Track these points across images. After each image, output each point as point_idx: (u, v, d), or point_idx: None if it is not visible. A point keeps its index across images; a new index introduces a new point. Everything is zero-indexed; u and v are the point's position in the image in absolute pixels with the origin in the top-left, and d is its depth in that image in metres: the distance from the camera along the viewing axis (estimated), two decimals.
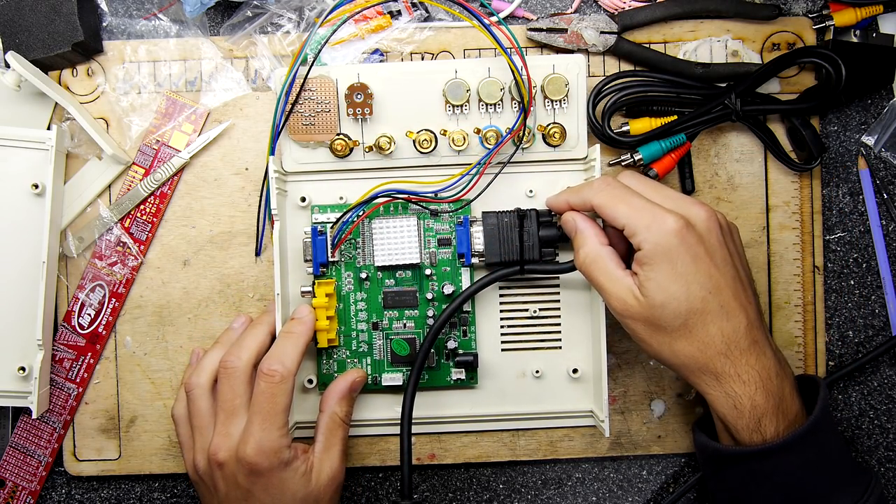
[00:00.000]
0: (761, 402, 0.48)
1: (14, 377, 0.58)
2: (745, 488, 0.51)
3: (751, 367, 0.48)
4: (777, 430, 0.49)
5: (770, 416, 0.48)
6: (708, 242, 0.49)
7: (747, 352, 0.49)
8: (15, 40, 0.57)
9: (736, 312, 0.48)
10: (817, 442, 0.49)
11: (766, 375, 0.48)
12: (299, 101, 0.57)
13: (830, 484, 0.50)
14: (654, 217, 0.48)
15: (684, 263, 0.48)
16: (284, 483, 0.52)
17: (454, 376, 0.59)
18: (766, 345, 0.50)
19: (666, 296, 0.48)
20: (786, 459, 0.49)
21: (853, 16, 0.59)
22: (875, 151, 0.62)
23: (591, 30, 0.59)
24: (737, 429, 0.50)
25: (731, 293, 0.49)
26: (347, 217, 0.57)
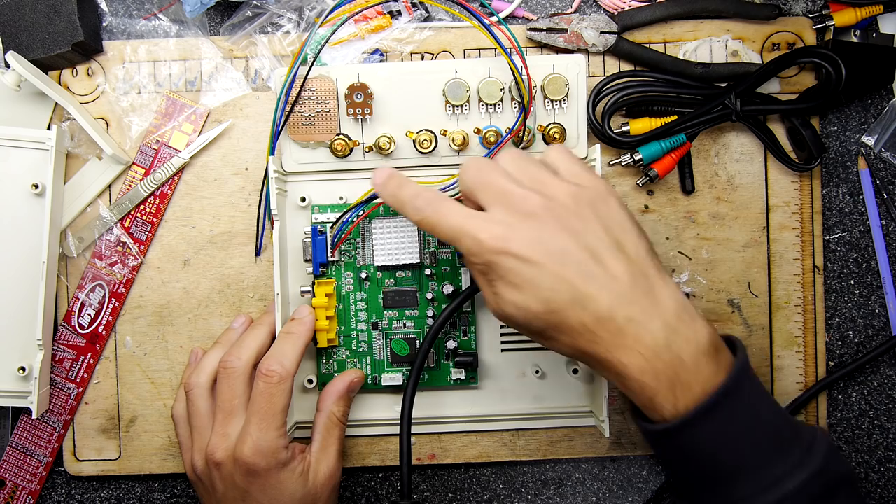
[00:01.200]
0: (650, 383, 0.44)
1: (14, 377, 0.58)
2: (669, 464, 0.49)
3: (628, 349, 0.44)
4: (675, 406, 0.45)
5: (664, 395, 0.45)
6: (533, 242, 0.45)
7: (621, 333, 0.44)
8: (15, 40, 0.57)
9: (592, 297, 0.44)
10: (732, 412, 0.45)
11: (651, 354, 0.44)
12: (299, 101, 0.57)
13: (757, 453, 0.45)
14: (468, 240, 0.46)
15: (514, 274, 0.45)
16: (282, 483, 0.52)
17: (454, 376, 0.59)
18: (651, 316, 0.45)
19: (512, 309, 0.46)
20: (692, 435, 0.45)
21: (853, 16, 0.59)
22: (875, 151, 0.62)
23: (591, 30, 0.59)
24: (637, 405, 0.47)
25: (582, 279, 0.44)
26: (347, 217, 0.57)
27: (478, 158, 0.49)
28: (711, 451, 0.45)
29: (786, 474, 0.45)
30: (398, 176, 0.51)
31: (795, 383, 0.61)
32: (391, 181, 0.51)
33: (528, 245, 0.45)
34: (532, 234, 0.45)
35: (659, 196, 0.61)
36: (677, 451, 0.47)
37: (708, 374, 0.45)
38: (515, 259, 0.45)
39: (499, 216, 0.46)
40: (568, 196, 0.46)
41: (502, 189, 0.47)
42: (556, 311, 0.45)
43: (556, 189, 0.47)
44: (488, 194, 0.47)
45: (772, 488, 0.45)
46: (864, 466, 0.63)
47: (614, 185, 0.61)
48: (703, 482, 0.47)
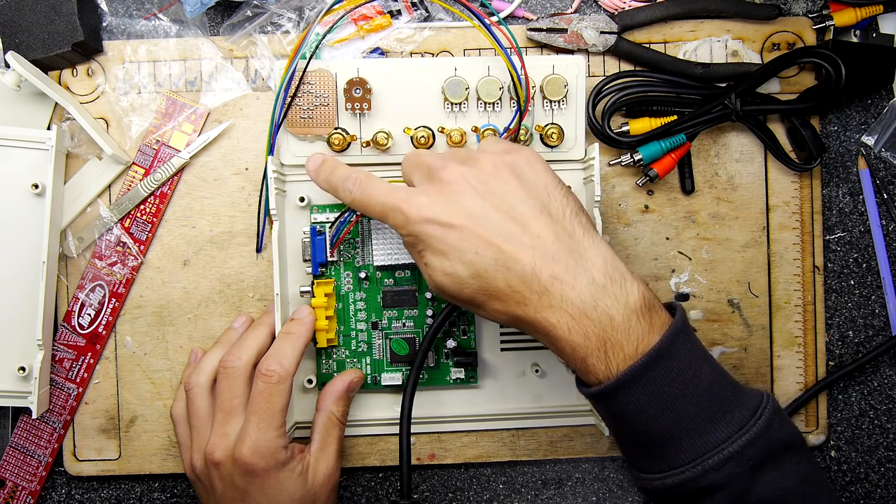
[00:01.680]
0: (580, 342, 0.44)
1: (14, 377, 0.58)
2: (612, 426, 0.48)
3: (555, 308, 0.44)
4: (608, 367, 0.44)
5: (595, 355, 0.44)
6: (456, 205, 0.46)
7: (547, 292, 0.44)
8: (15, 40, 0.57)
9: (516, 258, 0.44)
10: (666, 374, 0.44)
11: (578, 312, 0.44)
12: (298, 94, 0.57)
13: (695, 416, 0.44)
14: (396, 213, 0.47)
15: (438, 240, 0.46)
16: (281, 483, 0.52)
17: (454, 375, 0.59)
18: (576, 274, 0.44)
19: (440, 276, 0.46)
20: (628, 397, 0.44)
21: (853, 16, 0.59)
22: (875, 151, 0.62)
23: (591, 30, 0.59)
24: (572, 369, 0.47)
25: (503, 239, 0.45)
26: (346, 216, 0.57)
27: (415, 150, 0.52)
28: (647, 415, 0.45)
29: (726, 438, 0.44)
30: (331, 160, 0.54)
31: (795, 383, 0.61)
32: (324, 166, 0.53)
33: (449, 211, 0.46)
34: (453, 200, 0.46)
35: (659, 196, 0.61)
36: (615, 415, 0.46)
37: (640, 334, 0.44)
38: (438, 226, 0.46)
39: (423, 189, 0.48)
40: (490, 163, 0.48)
41: (428, 165, 0.49)
42: (482, 274, 0.45)
43: (479, 160, 0.48)
44: (418, 174, 0.49)
45: (711, 452, 0.44)
46: (864, 466, 0.63)
47: (614, 185, 0.61)
48: (644, 446, 0.47)
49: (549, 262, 0.44)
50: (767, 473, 0.45)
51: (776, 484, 0.45)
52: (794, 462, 0.46)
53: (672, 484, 0.45)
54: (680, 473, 0.45)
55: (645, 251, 0.61)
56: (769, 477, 0.45)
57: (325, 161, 0.54)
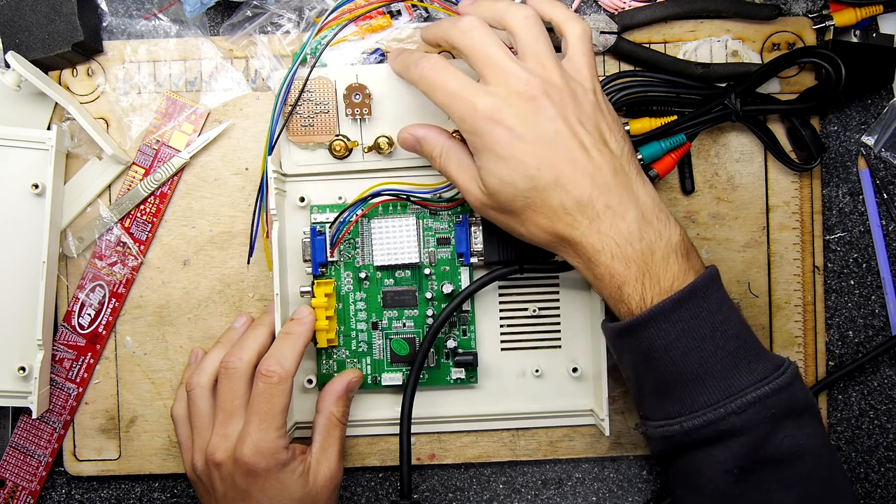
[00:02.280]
0: (620, 269, 0.46)
1: (14, 377, 0.58)
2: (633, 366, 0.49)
3: (603, 235, 0.46)
4: (643, 298, 0.46)
5: (632, 284, 0.46)
6: (526, 119, 0.47)
7: (598, 219, 0.46)
8: (15, 40, 0.57)
9: (577, 182, 0.46)
10: (698, 313, 0.46)
11: (624, 241, 0.46)
12: (298, 102, 0.57)
13: (722, 359, 0.46)
14: (464, 104, 0.47)
15: (503, 146, 0.46)
16: (282, 484, 0.52)
17: (454, 376, 0.59)
18: (628, 207, 0.47)
19: (496, 181, 0.47)
20: (659, 330, 0.46)
21: (853, 16, 0.59)
22: (875, 151, 0.62)
23: (591, 30, 0.59)
24: (605, 300, 0.49)
25: (568, 163, 0.46)
26: (345, 216, 0.57)
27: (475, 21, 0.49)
28: (675, 351, 0.46)
29: (751, 384, 0.45)
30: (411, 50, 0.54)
31: None
32: (403, 52, 0.53)
33: (522, 123, 0.46)
34: (527, 113, 0.46)
35: (659, 196, 0.61)
36: (642, 350, 0.47)
37: (676, 271, 0.46)
38: (507, 130, 0.46)
39: (496, 90, 0.47)
40: (566, 88, 0.48)
41: (503, 67, 0.48)
42: (540, 189, 0.46)
43: (556, 77, 0.48)
44: (488, 68, 0.48)
45: (734, 396, 0.45)
46: (864, 466, 0.63)
47: None
48: (666, 388, 0.47)
49: (606, 192, 0.46)
50: (787, 427, 0.45)
51: (794, 440, 0.45)
52: (812, 426, 0.47)
53: (692, 427, 0.46)
54: (702, 415, 0.45)
55: None
56: (789, 431, 0.45)
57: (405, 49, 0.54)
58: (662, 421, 0.48)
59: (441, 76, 0.49)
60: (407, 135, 0.54)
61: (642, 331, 0.46)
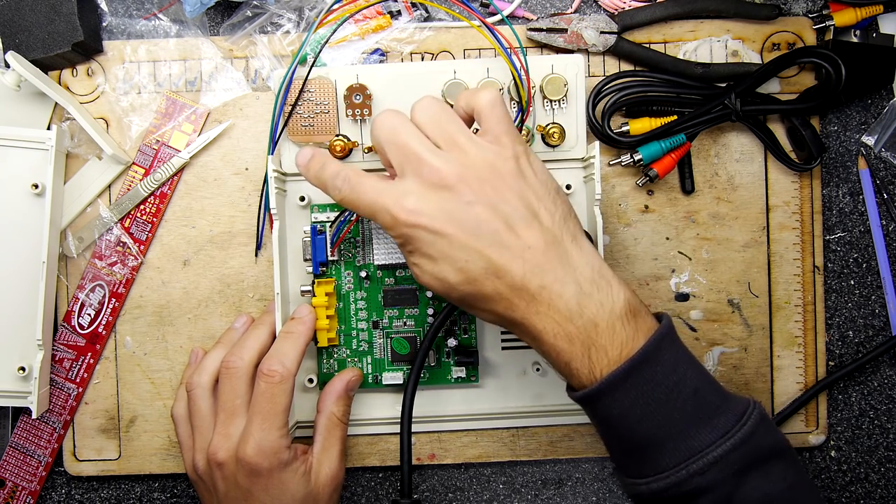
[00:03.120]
0: (564, 347, 0.45)
1: (14, 377, 0.58)
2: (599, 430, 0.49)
3: (542, 315, 0.45)
4: (591, 372, 0.45)
5: (579, 360, 0.45)
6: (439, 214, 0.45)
7: (535, 301, 0.45)
8: (15, 40, 0.57)
9: (507, 267, 0.45)
10: (651, 377, 0.44)
11: (564, 319, 0.45)
12: (298, 102, 0.57)
13: (680, 421, 0.45)
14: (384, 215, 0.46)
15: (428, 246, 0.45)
16: (284, 483, 0.52)
17: (455, 374, 0.59)
18: (564, 283, 0.45)
19: (428, 278, 0.46)
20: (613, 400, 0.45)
21: (853, 16, 0.59)
22: (875, 151, 0.62)
23: (591, 30, 0.59)
24: (558, 373, 0.48)
25: (495, 248, 0.45)
26: (346, 215, 0.57)
27: (391, 112, 0.48)
28: (631, 419, 0.45)
29: (710, 443, 0.44)
30: (321, 155, 0.50)
31: (795, 383, 0.61)
32: (314, 161, 0.50)
33: (441, 218, 0.45)
34: (444, 206, 0.45)
35: (659, 196, 0.61)
36: (600, 418, 0.47)
37: (624, 338, 0.45)
38: (428, 232, 0.45)
39: (411, 186, 0.46)
40: (484, 165, 0.46)
41: (415, 155, 0.46)
42: (472, 281, 0.45)
43: (471, 156, 0.46)
44: (400, 159, 0.46)
45: (695, 457, 0.44)
46: (864, 466, 0.63)
47: (614, 185, 0.61)
48: (629, 451, 0.47)
49: (539, 272, 0.45)
50: (753, 479, 0.45)
51: (761, 490, 0.45)
52: (779, 469, 0.46)
53: (657, 488, 0.45)
54: (665, 478, 0.45)
55: (645, 251, 0.61)
56: (755, 483, 0.45)
57: (314, 155, 0.50)
58: (631, 479, 0.48)
59: (357, 192, 0.47)
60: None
61: (597, 402, 0.45)
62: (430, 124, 0.47)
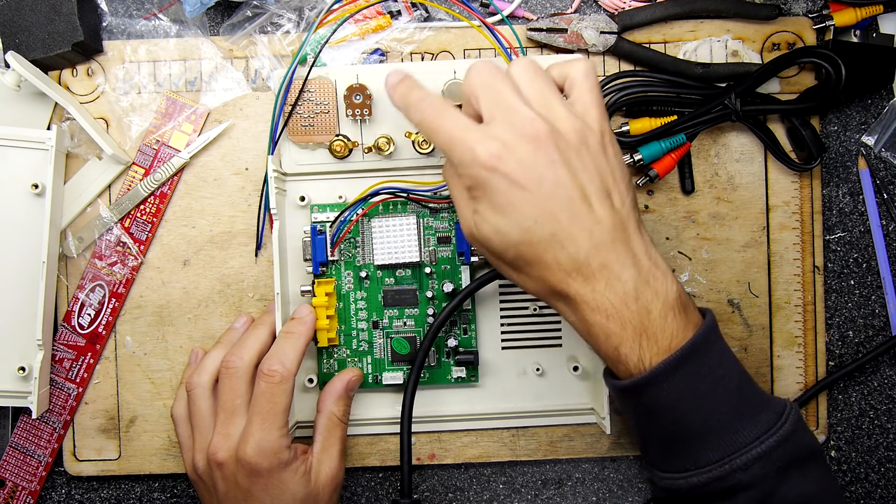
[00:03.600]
0: (616, 330, 0.44)
1: (14, 377, 0.58)
2: (638, 424, 0.48)
3: (598, 294, 0.44)
4: (641, 359, 0.44)
5: (629, 345, 0.44)
6: (529, 168, 0.44)
7: (594, 278, 0.44)
8: (15, 40, 0.57)
9: (574, 238, 0.44)
10: (699, 370, 0.44)
11: (620, 302, 0.44)
12: (298, 102, 0.57)
13: (725, 415, 0.45)
14: (464, 150, 0.44)
15: (501, 195, 0.44)
16: (284, 483, 0.52)
17: (455, 374, 0.59)
18: (625, 266, 0.44)
19: (489, 229, 0.45)
20: (661, 391, 0.45)
21: (853, 16, 0.59)
22: (875, 151, 0.62)
23: (591, 30, 0.59)
24: (602, 358, 0.47)
25: (567, 216, 0.44)
26: (346, 215, 0.57)
27: (487, 62, 0.47)
28: (678, 410, 0.45)
29: (754, 439, 0.44)
30: (411, 79, 0.49)
31: (795, 383, 0.61)
32: (403, 83, 0.49)
33: (523, 169, 0.43)
34: (529, 158, 0.44)
35: (659, 196, 0.61)
36: (644, 408, 0.46)
37: (675, 329, 0.45)
38: (506, 180, 0.43)
39: (499, 132, 0.44)
40: (573, 131, 0.45)
41: (508, 104, 0.45)
42: (535, 243, 0.44)
43: (562, 120, 0.45)
44: (492, 105, 0.45)
45: (739, 452, 0.44)
46: (864, 466, 0.63)
47: None
48: (671, 443, 0.47)
49: (603, 250, 0.44)
50: (793, 478, 0.45)
51: (801, 489, 0.45)
52: (817, 471, 0.46)
53: (698, 482, 0.45)
54: (707, 472, 0.45)
55: None
56: (795, 481, 0.45)
57: (404, 78, 0.49)
58: (667, 473, 0.47)
59: (441, 119, 0.46)
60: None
61: (643, 391, 0.45)
62: (526, 82, 0.46)
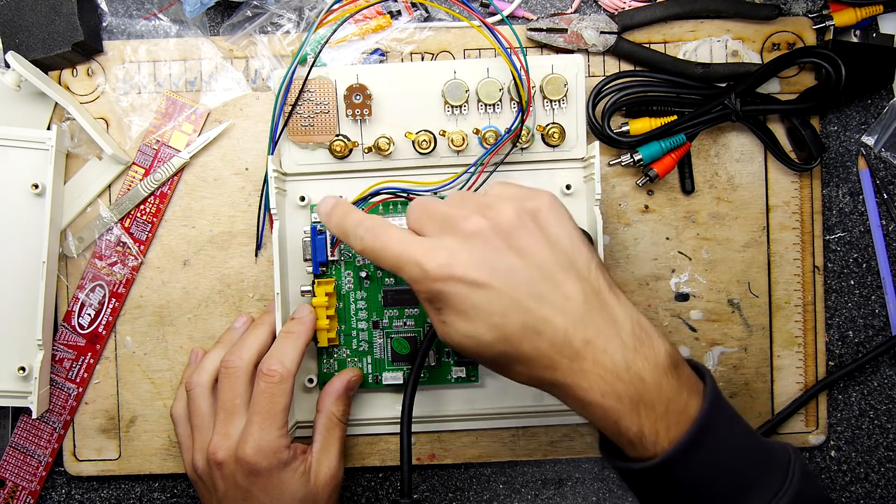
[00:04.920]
0: (612, 405, 0.42)
1: (14, 377, 0.58)
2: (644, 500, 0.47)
3: (588, 373, 0.42)
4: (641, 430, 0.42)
5: (629, 417, 0.42)
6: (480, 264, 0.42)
7: (579, 357, 0.42)
8: (15, 40, 0.57)
9: (547, 321, 0.42)
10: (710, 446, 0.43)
11: (611, 376, 0.42)
12: (298, 102, 0.57)
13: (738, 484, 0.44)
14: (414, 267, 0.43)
15: (461, 301, 0.42)
16: (283, 483, 0.52)
17: (455, 374, 0.59)
18: (609, 336, 0.42)
19: (460, 336, 0.43)
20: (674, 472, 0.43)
21: (853, 16, 0.59)
22: (875, 151, 0.62)
23: (591, 30, 0.59)
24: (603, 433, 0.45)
25: (534, 302, 0.42)
26: None
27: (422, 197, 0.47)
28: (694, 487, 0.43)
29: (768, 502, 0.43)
30: (343, 205, 0.49)
31: (795, 383, 0.61)
32: (336, 210, 0.49)
33: (474, 267, 0.42)
34: (477, 254, 0.43)
35: (659, 196, 0.61)
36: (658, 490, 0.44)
37: (671, 394, 0.43)
38: (462, 284, 0.42)
39: (442, 241, 0.44)
40: (512, 212, 0.44)
41: (444, 214, 0.45)
42: (509, 338, 0.42)
43: (499, 209, 0.44)
44: (431, 223, 0.45)
45: None
46: (864, 466, 0.63)
47: (614, 185, 0.61)
48: None
49: (581, 325, 0.42)
50: None
51: None
52: None
53: None
54: None
55: (645, 251, 0.61)
56: None
57: (337, 204, 0.49)
58: None
59: (382, 239, 0.45)
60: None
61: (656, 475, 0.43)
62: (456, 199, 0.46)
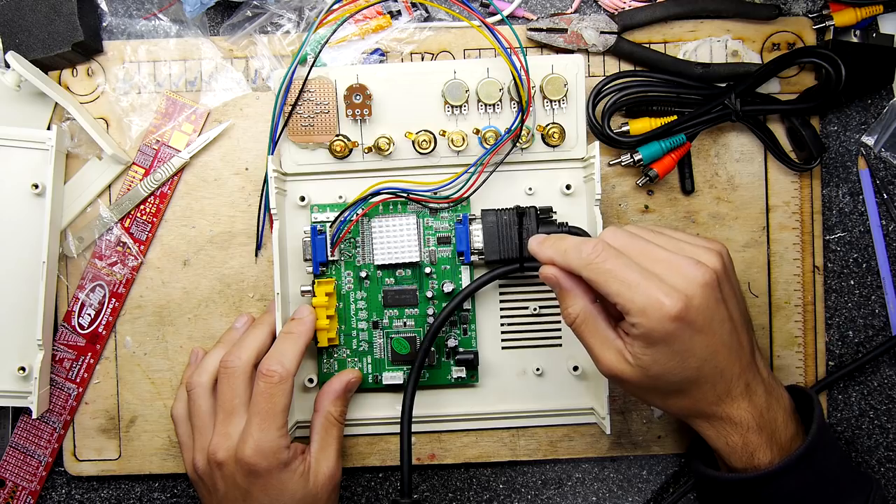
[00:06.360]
0: (754, 438, 0.49)
1: (14, 377, 0.58)
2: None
3: (742, 411, 0.48)
4: (771, 459, 0.49)
5: (763, 449, 0.49)
6: (706, 312, 0.46)
7: (740, 397, 0.48)
8: (15, 40, 0.57)
9: (730, 368, 0.48)
10: (816, 461, 0.49)
11: (758, 414, 0.49)
12: (298, 102, 0.57)
13: (832, 498, 0.50)
14: (648, 300, 0.45)
15: (682, 343, 0.46)
16: (283, 483, 0.52)
17: (455, 375, 0.59)
18: (759, 381, 0.49)
19: (661, 369, 0.47)
20: (784, 482, 0.49)
21: (853, 16, 0.59)
22: (875, 151, 0.62)
23: (591, 30, 0.59)
24: (730, 460, 0.50)
25: (727, 352, 0.47)
26: (346, 215, 0.57)
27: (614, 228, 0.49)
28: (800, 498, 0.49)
29: None
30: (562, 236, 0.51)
31: (795, 383, 0.61)
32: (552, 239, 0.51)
33: (703, 315, 0.46)
34: (704, 303, 0.46)
35: (659, 196, 0.61)
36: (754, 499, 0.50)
37: (792, 433, 0.50)
38: (690, 329, 0.45)
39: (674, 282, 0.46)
40: (720, 265, 0.48)
41: (665, 258, 0.47)
42: (697, 379, 0.47)
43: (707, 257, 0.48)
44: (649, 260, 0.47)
45: None
46: (864, 466, 0.63)
47: (614, 185, 0.61)
48: None
49: (746, 371, 0.49)
50: None
51: None
52: None
53: None
54: None
55: None
56: None
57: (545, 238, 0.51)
58: None
59: (618, 266, 0.46)
60: (551, 275, 0.50)
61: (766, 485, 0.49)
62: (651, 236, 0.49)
